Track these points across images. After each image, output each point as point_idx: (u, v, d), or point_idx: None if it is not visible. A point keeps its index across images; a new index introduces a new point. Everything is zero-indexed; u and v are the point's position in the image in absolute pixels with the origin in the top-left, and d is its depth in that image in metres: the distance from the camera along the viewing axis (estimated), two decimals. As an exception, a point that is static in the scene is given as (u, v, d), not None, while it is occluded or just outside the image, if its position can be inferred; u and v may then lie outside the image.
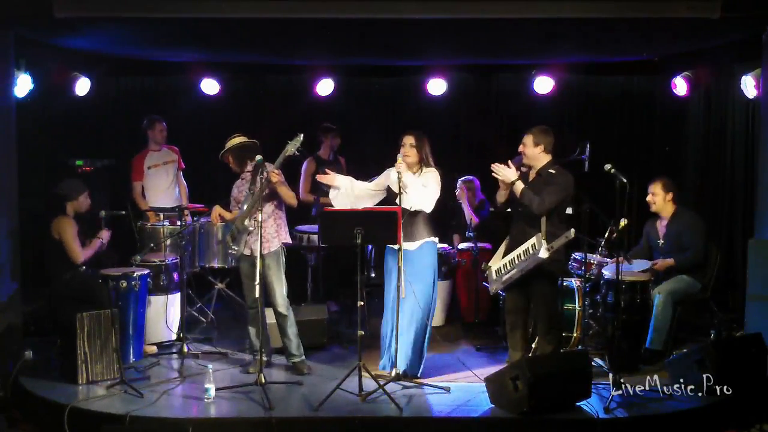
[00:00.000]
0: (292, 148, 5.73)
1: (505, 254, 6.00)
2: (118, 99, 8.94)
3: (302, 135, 5.76)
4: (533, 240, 5.70)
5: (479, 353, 6.70)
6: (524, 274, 5.75)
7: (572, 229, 5.58)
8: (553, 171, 5.79)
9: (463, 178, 7.92)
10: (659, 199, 6.63)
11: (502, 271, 5.94)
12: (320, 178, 6.06)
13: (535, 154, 5.81)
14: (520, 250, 5.81)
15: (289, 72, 8.93)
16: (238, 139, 6.12)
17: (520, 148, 5.84)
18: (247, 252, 6.01)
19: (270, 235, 6.01)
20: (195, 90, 8.67)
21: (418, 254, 5.78)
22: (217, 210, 6.18)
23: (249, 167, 6.10)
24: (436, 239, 5.96)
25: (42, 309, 6.84)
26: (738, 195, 7.84)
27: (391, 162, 5.82)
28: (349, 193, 5.99)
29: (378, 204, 6.01)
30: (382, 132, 8.73)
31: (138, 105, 8.74)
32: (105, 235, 6.47)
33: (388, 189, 5.92)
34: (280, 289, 6.04)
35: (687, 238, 6.50)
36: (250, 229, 5.90)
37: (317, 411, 5.25)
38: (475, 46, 7.69)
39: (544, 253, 5.59)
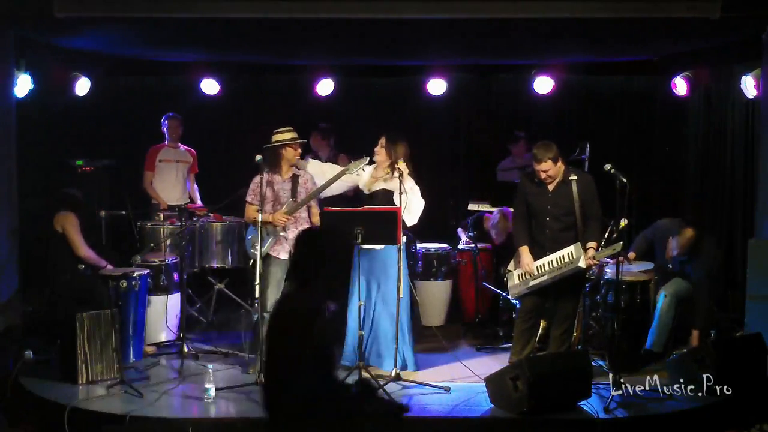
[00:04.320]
0: (354, 167, 5.79)
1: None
2: (118, 99, 8.93)
3: (368, 158, 5.83)
4: (571, 248, 5.72)
5: (479, 353, 6.69)
6: (556, 280, 5.78)
7: (621, 242, 5.63)
8: (575, 177, 5.81)
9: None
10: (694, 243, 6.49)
11: (528, 277, 5.90)
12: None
13: (557, 169, 5.80)
14: (553, 257, 5.80)
15: (289, 72, 8.92)
16: (290, 135, 6.00)
17: (543, 176, 5.77)
18: (283, 256, 6.00)
19: None
20: (195, 90, 8.66)
21: (383, 253, 5.82)
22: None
23: (290, 171, 6.04)
24: (403, 238, 5.99)
25: (42, 309, 6.84)
26: (738, 195, 7.83)
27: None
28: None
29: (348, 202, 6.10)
30: (382, 132, 8.70)
31: (138, 105, 8.73)
32: (109, 267, 6.49)
33: (358, 189, 6.10)
34: None
35: (704, 269, 6.46)
36: (281, 234, 5.93)
37: (317, 411, 5.25)
38: (475, 46, 7.69)
39: (583, 263, 5.64)
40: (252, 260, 5.96)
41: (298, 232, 5.37)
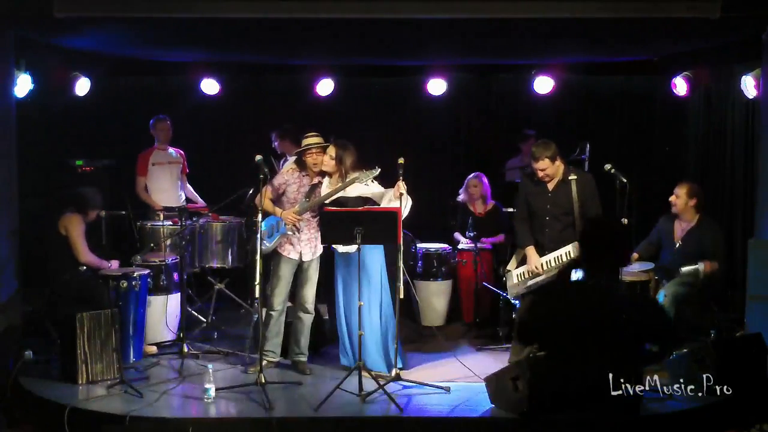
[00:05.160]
0: (364, 177, 5.78)
1: (524, 259, 5.98)
2: (118, 99, 8.94)
3: (379, 169, 5.81)
4: (569, 248, 5.73)
5: (479, 353, 6.69)
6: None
7: None
8: (575, 177, 5.82)
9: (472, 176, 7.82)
10: (681, 201, 6.53)
11: (526, 276, 5.93)
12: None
13: (555, 168, 5.82)
14: (551, 256, 5.82)
15: (289, 72, 8.92)
16: (308, 140, 6.01)
17: (540, 174, 5.80)
18: (293, 256, 6.02)
19: (318, 239, 6.07)
20: (195, 90, 8.66)
21: (359, 256, 5.74)
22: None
23: (318, 178, 6.06)
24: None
25: (42, 309, 6.84)
26: (738, 195, 7.83)
27: (390, 164, 5.86)
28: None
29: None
30: (382, 132, 8.72)
31: (138, 105, 8.73)
32: (114, 264, 6.51)
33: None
34: (315, 290, 6.13)
35: (707, 249, 6.45)
36: (289, 232, 5.94)
37: (317, 411, 5.25)
38: (475, 46, 7.69)
39: None
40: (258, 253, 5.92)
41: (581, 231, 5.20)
